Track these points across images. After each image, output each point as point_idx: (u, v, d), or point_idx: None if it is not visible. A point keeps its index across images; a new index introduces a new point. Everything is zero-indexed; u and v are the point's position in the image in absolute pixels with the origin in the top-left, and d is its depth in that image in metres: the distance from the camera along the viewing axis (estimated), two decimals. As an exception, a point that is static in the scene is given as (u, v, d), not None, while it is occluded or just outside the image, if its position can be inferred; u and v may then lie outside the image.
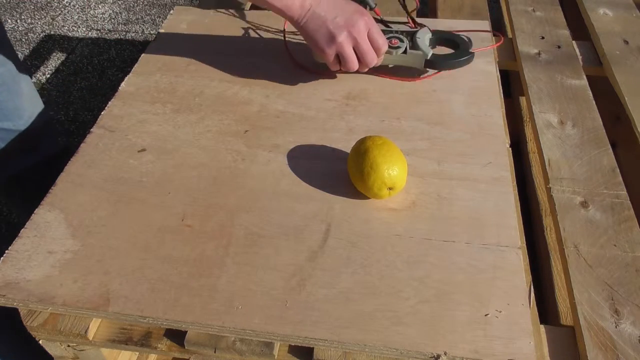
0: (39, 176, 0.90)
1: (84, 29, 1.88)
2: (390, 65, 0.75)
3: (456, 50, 0.75)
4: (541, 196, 0.81)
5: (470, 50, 0.74)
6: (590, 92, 0.79)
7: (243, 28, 0.88)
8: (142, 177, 0.63)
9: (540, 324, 0.54)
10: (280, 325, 0.49)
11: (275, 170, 0.63)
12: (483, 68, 0.77)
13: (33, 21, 1.94)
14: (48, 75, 1.67)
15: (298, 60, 0.79)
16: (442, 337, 0.48)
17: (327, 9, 0.65)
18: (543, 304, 0.66)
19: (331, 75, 0.76)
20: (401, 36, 0.74)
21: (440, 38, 0.74)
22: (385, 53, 0.71)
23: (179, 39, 0.85)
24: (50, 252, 0.55)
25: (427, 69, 0.75)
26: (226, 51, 0.82)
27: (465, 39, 0.75)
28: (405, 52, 0.72)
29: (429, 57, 0.72)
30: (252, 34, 0.86)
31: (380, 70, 0.75)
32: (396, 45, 0.72)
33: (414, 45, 0.73)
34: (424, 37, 0.73)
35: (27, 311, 0.55)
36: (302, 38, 0.70)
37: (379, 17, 0.80)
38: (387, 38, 0.72)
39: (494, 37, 0.84)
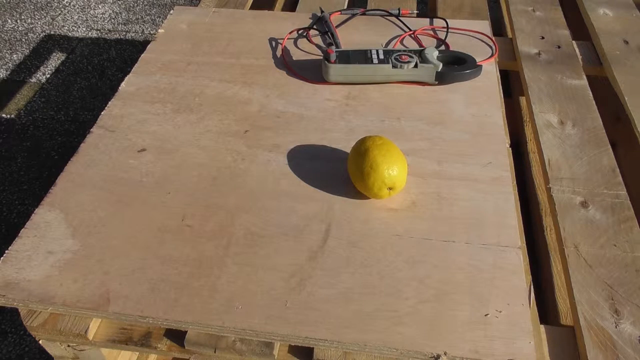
0: None
1: (84, 29, 1.88)
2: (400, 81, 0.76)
3: (463, 65, 0.76)
4: (541, 196, 0.81)
5: (478, 63, 0.75)
6: (590, 92, 0.79)
7: (243, 28, 0.88)
8: (142, 177, 0.63)
9: (540, 324, 0.54)
10: (280, 325, 0.49)
11: (275, 170, 0.63)
12: (483, 68, 0.77)
13: (33, 21, 1.94)
14: (48, 75, 1.67)
15: (296, 70, 0.79)
16: (442, 337, 0.48)
17: None
18: (543, 304, 0.66)
19: (329, 84, 0.76)
20: (410, 53, 0.75)
21: (446, 56, 0.76)
22: (397, 68, 0.73)
23: (179, 39, 0.85)
24: (50, 252, 0.55)
25: (437, 82, 0.75)
26: (226, 51, 0.82)
27: (470, 55, 0.77)
28: (416, 66, 0.74)
29: (439, 70, 0.73)
30: (252, 33, 0.86)
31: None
32: (406, 60, 0.73)
33: (424, 60, 0.74)
34: (432, 53, 0.75)
35: (27, 311, 0.55)
36: (303, 47, 0.69)
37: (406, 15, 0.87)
38: (397, 54, 0.74)
39: (491, 40, 0.84)
